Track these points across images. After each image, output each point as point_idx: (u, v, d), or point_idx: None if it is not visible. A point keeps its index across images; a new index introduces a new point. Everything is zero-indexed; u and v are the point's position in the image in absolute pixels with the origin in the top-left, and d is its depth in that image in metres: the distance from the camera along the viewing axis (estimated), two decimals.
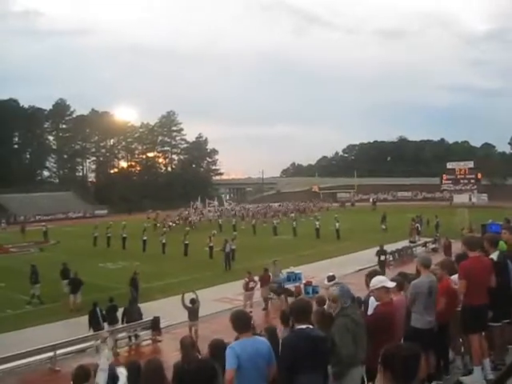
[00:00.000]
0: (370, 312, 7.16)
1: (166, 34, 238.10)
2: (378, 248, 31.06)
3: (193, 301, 19.23)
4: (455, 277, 8.19)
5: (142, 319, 19.91)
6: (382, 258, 30.98)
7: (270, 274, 24.74)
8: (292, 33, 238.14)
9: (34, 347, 16.79)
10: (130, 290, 23.35)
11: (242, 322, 5.81)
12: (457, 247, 17.41)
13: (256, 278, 23.95)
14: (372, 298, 7.12)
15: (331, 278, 13.88)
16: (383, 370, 3.36)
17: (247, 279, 23.53)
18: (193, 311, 19.03)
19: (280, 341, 6.51)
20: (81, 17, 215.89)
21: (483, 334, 7.74)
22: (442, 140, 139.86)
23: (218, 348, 6.51)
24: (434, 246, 37.52)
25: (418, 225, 44.87)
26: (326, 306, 7.57)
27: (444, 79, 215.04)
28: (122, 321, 19.52)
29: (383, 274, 28.02)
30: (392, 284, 6.72)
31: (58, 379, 15.31)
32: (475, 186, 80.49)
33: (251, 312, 22.11)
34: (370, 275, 7.53)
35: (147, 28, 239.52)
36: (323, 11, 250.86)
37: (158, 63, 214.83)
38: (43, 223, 57.45)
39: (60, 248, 45.50)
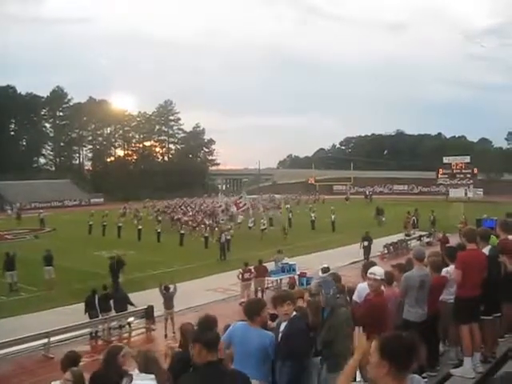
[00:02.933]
0: (355, 297, 7.25)
1: (165, 24, 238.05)
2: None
3: (166, 288, 19.55)
4: (447, 269, 8.29)
5: (130, 304, 20.06)
6: (366, 243, 31.57)
7: (265, 266, 24.94)
8: (292, 24, 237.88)
9: (28, 334, 16.89)
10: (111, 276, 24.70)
11: (245, 310, 5.91)
12: (453, 242, 17.44)
13: (252, 269, 24.06)
14: (363, 285, 7.17)
15: (325, 270, 13.96)
16: (381, 358, 3.33)
17: (242, 270, 23.65)
18: (167, 298, 19.40)
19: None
20: (80, 5, 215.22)
21: (476, 325, 7.80)
22: (439, 134, 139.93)
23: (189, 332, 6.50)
24: (428, 239, 37.69)
25: (414, 218, 44.99)
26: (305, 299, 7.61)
27: (443, 74, 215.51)
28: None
29: (367, 259, 28.13)
30: (378, 275, 6.80)
31: (52, 366, 15.32)
32: (471, 181, 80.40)
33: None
34: (366, 266, 7.63)
35: (147, 17, 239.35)
36: (325, 2, 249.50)
37: (156, 52, 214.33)
38: (41, 210, 57.32)
39: (55, 235, 45.50)
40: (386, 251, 34.00)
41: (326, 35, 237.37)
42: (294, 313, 5.86)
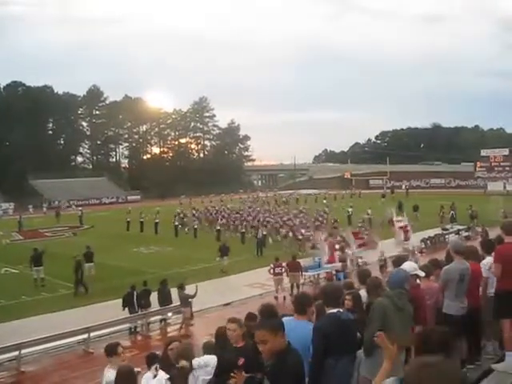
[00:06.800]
0: None
1: (199, 21, 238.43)
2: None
3: (180, 286, 19.69)
4: (485, 261, 8.18)
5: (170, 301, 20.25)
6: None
7: (298, 261, 24.90)
8: (327, 18, 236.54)
9: (68, 329, 17.15)
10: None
11: (294, 304, 6.13)
12: (492, 236, 17.22)
13: (283, 264, 24.00)
14: None
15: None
16: (417, 351, 3.33)
17: (272, 265, 23.66)
18: (182, 298, 19.40)
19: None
20: (115, 4, 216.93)
21: None
22: (477, 127, 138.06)
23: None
24: (467, 233, 37.18)
25: (452, 212, 44.46)
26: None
27: (479, 65, 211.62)
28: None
29: None
30: (422, 273, 6.80)
31: (92, 360, 15.60)
32: (510, 174, 78.96)
33: (284, 297, 22.37)
34: (396, 262, 7.58)
35: (180, 14, 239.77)
36: None
37: (190, 49, 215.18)
38: (79, 208, 58.04)
39: (94, 232, 46.07)
40: (423, 245, 33.67)
41: (361, 28, 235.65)
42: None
